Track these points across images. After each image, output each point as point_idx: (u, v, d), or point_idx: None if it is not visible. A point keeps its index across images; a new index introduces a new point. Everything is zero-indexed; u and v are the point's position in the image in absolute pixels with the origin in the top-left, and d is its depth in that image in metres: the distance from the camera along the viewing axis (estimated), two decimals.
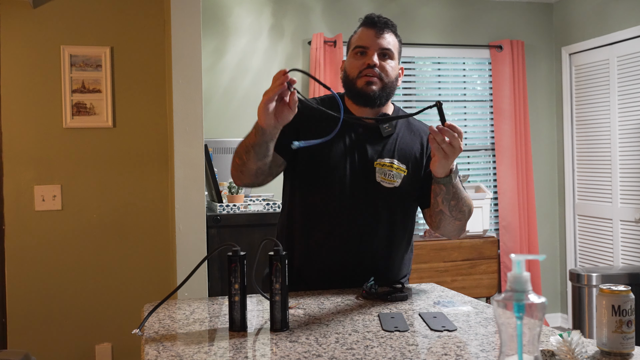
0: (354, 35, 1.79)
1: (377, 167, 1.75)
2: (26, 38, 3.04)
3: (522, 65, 4.75)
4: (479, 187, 4.47)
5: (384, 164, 1.75)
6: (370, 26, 1.74)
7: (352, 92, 1.76)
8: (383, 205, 1.76)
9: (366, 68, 1.71)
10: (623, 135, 4.32)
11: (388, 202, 1.76)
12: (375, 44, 1.72)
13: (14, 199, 3.03)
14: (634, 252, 4.20)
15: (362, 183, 1.75)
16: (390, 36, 1.75)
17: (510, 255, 0.87)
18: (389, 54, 1.74)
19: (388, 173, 1.75)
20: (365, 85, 1.72)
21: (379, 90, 1.73)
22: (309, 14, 4.40)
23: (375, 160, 1.75)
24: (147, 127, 3.17)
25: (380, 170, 1.75)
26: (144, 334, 1.35)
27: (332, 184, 1.74)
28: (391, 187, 1.75)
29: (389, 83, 1.74)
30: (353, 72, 1.74)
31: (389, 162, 1.76)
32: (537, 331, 0.84)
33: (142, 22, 3.17)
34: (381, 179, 1.74)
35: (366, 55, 1.73)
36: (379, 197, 1.75)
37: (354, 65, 1.74)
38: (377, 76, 1.72)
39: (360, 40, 1.75)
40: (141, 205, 3.16)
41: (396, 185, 1.75)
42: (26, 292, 3.04)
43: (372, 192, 1.75)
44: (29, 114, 3.05)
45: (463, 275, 4.24)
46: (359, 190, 1.75)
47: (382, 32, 1.73)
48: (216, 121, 4.15)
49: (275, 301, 1.35)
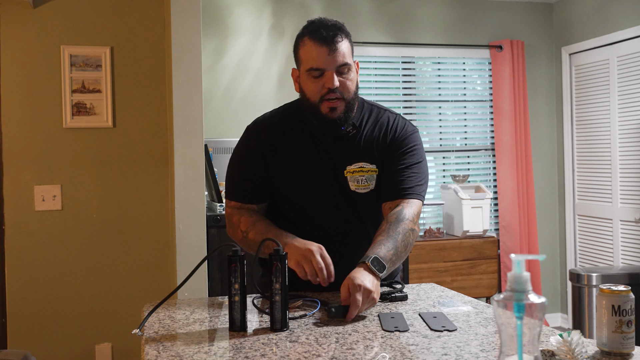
0: (302, 49, 1.67)
1: (347, 176, 1.72)
2: (26, 38, 3.04)
3: (522, 65, 4.75)
4: (479, 187, 4.47)
5: (353, 171, 1.72)
6: (320, 42, 1.62)
7: (316, 116, 1.69)
8: (364, 210, 1.75)
9: (327, 93, 1.64)
10: (623, 135, 4.31)
11: (368, 206, 1.75)
12: (332, 63, 1.62)
13: (14, 199, 3.03)
14: (634, 252, 4.20)
15: (339, 196, 1.72)
16: (342, 45, 1.64)
17: (510, 255, 0.87)
18: (347, 68, 1.66)
19: (360, 179, 1.72)
20: (329, 112, 1.65)
21: (343, 112, 1.67)
22: (309, 14, 4.40)
23: (345, 169, 1.72)
24: (147, 127, 3.17)
25: (351, 178, 1.72)
26: (144, 334, 1.35)
27: (310, 203, 1.73)
28: (367, 192, 1.73)
29: (351, 100, 1.68)
30: (314, 97, 1.66)
31: (358, 168, 1.72)
32: (537, 331, 0.84)
33: (142, 22, 3.17)
34: (355, 186, 1.71)
35: (324, 77, 1.64)
36: (359, 204, 1.74)
37: (312, 89, 1.66)
38: (339, 98, 1.65)
39: (313, 61, 1.63)
40: (141, 205, 3.16)
41: (372, 189, 1.73)
42: (26, 292, 3.04)
43: (351, 202, 1.73)
44: (29, 114, 3.05)
45: (463, 275, 4.23)
46: (337, 204, 1.73)
47: (335, 45, 1.62)
48: (216, 121, 4.14)
49: (275, 301, 1.35)
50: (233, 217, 1.75)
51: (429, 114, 4.76)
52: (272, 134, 1.76)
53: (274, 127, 1.77)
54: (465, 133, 4.86)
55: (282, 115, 1.80)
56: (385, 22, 4.48)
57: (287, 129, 1.76)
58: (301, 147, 1.74)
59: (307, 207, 1.75)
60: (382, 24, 4.48)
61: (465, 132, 4.86)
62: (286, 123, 1.77)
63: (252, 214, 1.73)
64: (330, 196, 1.73)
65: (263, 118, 1.83)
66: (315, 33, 1.65)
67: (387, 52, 4.52)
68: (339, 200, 1.73)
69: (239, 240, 1.73)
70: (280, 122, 1.78)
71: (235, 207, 1.77)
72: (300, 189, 1.74)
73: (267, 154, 1.75)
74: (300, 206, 1.75)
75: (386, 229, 1.60)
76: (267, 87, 4.31)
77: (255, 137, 1.77)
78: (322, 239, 1.63)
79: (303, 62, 1.68)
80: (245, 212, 1.74)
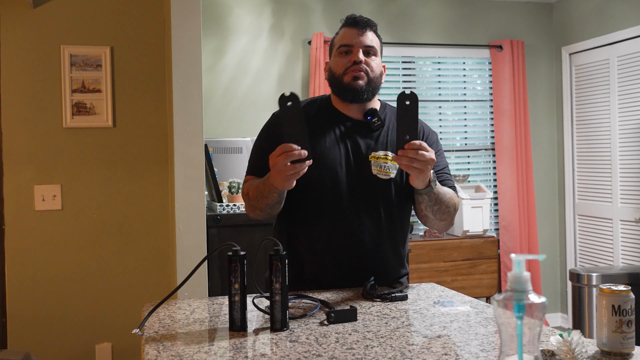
0: (336, 36, 1.84)
1: (372, 160, 1.77)
2: (26, 38, 3.04)
3: (522, 65, 4.75)
4: (479, 187, 4.47)
5: (378, 157, 1.77)
6: (352, 25, 1.80)
7: (339, 88, 1.79)
8: (381, 197, 1.77)
9: (352, 65, 1.76)
10: (623, 135, 4.31)
11: (385, 194, 1.77)
12: (359, 41, 1.78)
13: (14, 199, 3.03)
14: (634, 252, 4.20)
15: (359, 178, 1.76)
16: (372, 34, 1.81)
17: (510, 255, 0.87)
18: (373, 51, 1.79)
19: (383, 165, 1.77)
20: (352, 81, 1.76)
21: (366, 84, 1.76)
22: (309, 14, 4.40)
23: (370, 154, 1.77)
24: (147, 127, 3.17)
25: (375, 163, 1.77)
26: (144, 334, 1.35)
27: (330, 182, 1.75)
28: (387, 179, 1.77)
29: (374, 78, 1.78)
30: (339, 70, 1.78)
31: (383, 155, 1.78)
32: (537, 331, 0.84)
33: (142, 22, 3.17)
34: (377, 171, 1.76)
35: (351, 53, 1.78)
36: (377, 190, 1.77)
37: (339, 63, 1.79)
38: (363, 71, 1.76)
39: (343, 39, 1.80)
40: (141, 205, 3.16)
41: (392, 177, 1.77)
42: (26, 292, 3.04)
43: (369, 186, 1.76)
44: (29, 114, 3.05)
45: (463, 275, 4.24)
46: (356, 185, 1.76)
47: (365, 30, 1.79)
48: (216, 121, 4.14)
49: (275, 301, 1.35)
50: (244, 190, 1.80)
51: (429, 114, 4.76)
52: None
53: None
54: (465, 133, 4.86)
55: (309, 103, 1.87)
56: (385, 22, 4.47)
57: (312, 114, 1.82)
58: (325, 131, 1.79)
59: (324, 187, 1.75)
60: (382, 24, 4.46)
61: (465, 132, 4.86)
62: (312, 109, 1.84)
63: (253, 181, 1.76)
64: (350, 177, 1.76)
65: None
66: (349, 19, 1.83)
67: (387, 52, 4.52)
68: (358, 182, 1.76)
69: (249, 208, 1.77)
70: (307, 107, 1.83)
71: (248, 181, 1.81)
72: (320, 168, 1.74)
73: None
74: (319, 185, 1.75)
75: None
76: (267, 87, 4.30)
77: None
78: (334, 221, 1.72)
79: (335, 44, 1.83)
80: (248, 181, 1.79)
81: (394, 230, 1.81)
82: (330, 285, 1.75)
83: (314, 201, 1.76)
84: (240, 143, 3.56)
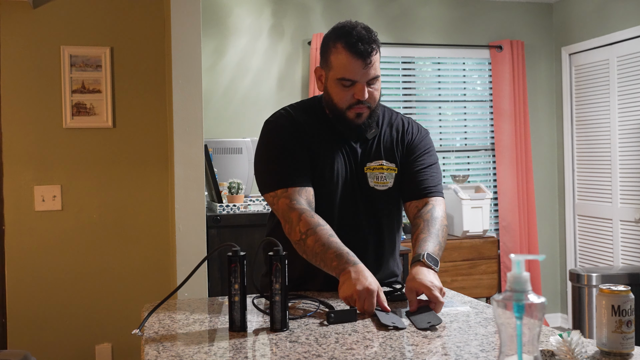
0: (336, 55, 1.67)
1: (367, 173, 1.75)
2: (26, 38, 3.04)
3: (522, 66, 4.75)
4: (479, 187, 4.47)
5: (373, 168, 1.76)
6: (356, 56, 1.63)
7: (340, 121, 1.72)
8: (382, 208, 1.77)
9: (356, 103, 1.67)
10: (623, 135, 4.32)
11: (385, 204, 1.77)
12: (364, 76, 1.65)
13: (14, 199, 3.03)
14: (634, 252, 4.20)
15: (357, 192, 1.75)
16: (375, 57, 1.66)
17: (510, 255, 0.87)
18: (377, 78, 1.69)
19: (379, 176, 1.75)
20: (355, 118, 1.69)
21: (367, 118, 1.71)
22: (309, 14, 4.40)
23: (365, 166, 1.75)
24: (147, 127, 3.17)
25: (371, 175, 1.75)
26: (144, 334, 1.35)
27: (328, 197, 1.73)
28: (385, 189, 1.76)
29: (375, 108, 1.72)
30: (341, 104, 1.69)
31: (378, 165, 1.76)
32: (537, 331, 0.84)
33: (142, 22, 3.17)
34: (374, 183, 1.75)
35: (354, 87, 1.66)
36: (376, 202, 1.76)
37: (342, 97, 1.68)
38: (366, 107, 1.68)
39: (347, 71, 1.64)
40: (141, 205, 3.16)
41: (390, 186, 1.77)
42: (26, 292, 3.03)
43: (368, 199, 1.75)
44: (29, 114, 3.05)
45: (463, 275, 4.24)
46: (356, 200, 1.75)
47: (370, 59, 1.64)
48: (216, 121, 4.14)
49: (275, 301, 1.35)
50: (292, 212, 1.63)
51: (429, 114, 4.76)
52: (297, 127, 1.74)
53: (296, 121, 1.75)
54: (465, 133, 4.86)
55: (303, 111, 1.79)
56: (385, 22, 4.48)
57: (309, 123, 1.75)
58: (325, 141, 1.74)
59: (325, 200, 1.73)
60: (382, 24, 4.48)
61: (465, 132, 4.86)
62: (307, 119, 1.76)
63: (313, 216, 1.62)
64: (349, 190, 1.74)
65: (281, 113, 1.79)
66: (352, 46, 1.64)
67: (387, 52, 4.52)
68: (357, 195, 1.75)
69: (295, 242, 1.63)
70: (301, 116, 1.76)
71: (292, 199, 1.64)
72: (321, 181, 1.72)
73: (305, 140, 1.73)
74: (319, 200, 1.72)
75: (426, 227, 1.68)
76: (267, 87, 4.31)
77: (290, 125, 1.73)
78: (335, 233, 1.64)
79: (334, 68, 1.68)
80: (307, 212, 1.63)
81: (392, 238, 1.82)
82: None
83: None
84: (240, 143, 3.56)
